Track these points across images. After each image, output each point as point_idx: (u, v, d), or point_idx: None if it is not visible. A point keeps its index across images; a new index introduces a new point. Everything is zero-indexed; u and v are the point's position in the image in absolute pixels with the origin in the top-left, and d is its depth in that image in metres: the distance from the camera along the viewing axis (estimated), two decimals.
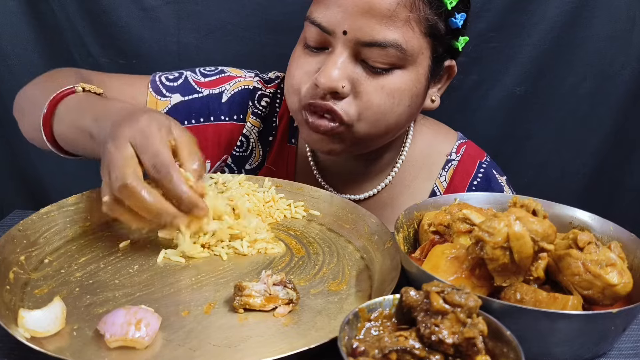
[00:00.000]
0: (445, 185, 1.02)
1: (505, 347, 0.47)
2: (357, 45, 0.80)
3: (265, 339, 0.56)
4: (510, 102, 1.52)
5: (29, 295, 0.61)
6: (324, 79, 0.79)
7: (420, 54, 0.83)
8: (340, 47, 0.80)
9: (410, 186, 1.02)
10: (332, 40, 0.81)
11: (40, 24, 1.40)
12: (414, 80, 0.84)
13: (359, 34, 0.79)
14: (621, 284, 0.57)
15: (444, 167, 1.03)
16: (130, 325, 0.53)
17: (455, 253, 0.62)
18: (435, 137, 1.06)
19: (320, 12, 0.81)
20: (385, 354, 0.47)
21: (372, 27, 0.78)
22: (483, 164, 1.05)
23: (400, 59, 0.81)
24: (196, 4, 1.39)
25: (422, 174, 1.03)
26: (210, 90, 1.00)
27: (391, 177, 1.00)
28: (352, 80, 0.81)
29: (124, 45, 1.42)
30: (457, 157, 1.04)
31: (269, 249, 0.73)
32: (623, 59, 1.46)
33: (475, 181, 1.03)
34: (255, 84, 1.03)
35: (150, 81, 0.98)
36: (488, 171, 1.04)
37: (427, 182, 1.03)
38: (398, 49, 0.79)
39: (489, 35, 1.44)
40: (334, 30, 0.80)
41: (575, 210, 0.74)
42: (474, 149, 1.07)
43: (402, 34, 0.79)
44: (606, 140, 1.56)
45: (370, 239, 0.75)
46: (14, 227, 0.68)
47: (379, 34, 0.78)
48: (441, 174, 1.02)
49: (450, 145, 1.05)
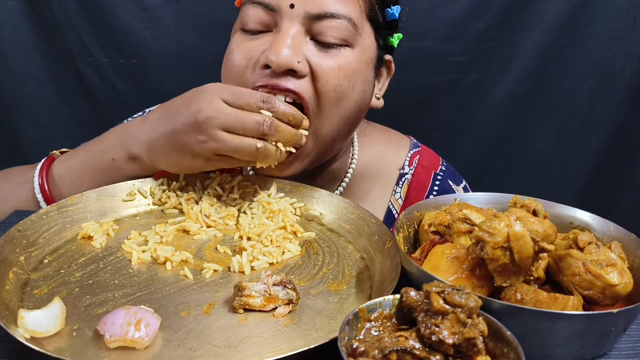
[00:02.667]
0: (401, 202, 0.99)
1: (506, 347, 0.47)
2: (306, 19, 0.76)
3: (265, 339, 0.56)
4: (510, 102, 1.52)
5: (28, 296, 0.61)
6: (275, 56, 0.75)
7: (367, 35, 0.81)
8: (287, 23, 0.77)
9: (364, 200, 0.97)
10: (277, 18, 0.78)
11: (40, 24, 1.40)
12: (365, 63, 0.82)
13: (308, 6, 0.76)
14: (621, 284, 0.57)
15: (398, 182, 0.99)
16: (130, 326, 0.53)
17: (456, 253, 0.62)
18: (386, 145, 1.02)
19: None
20: (386, 354, 0.47)
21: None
22: (438, 176, 1.01)
23: (352, 35, 0.78)
24: (196, 4, 1.39)
25: (375, 190, 0.99)
26: None
27: (342, 189, 0.96)
28: (306, 58, 0.77)
29: (124, 45, 1.42)
30: (410, 170, 1.00)
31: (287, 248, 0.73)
32: (623, 59, 1.47)
33: (431, 195, 0.99)
34: None
35: None
36: (443, 183, 1.01)
37: (382, 199, 0.99)
38: (350, 22, 0.77)
39: (489, 35, 1.44)
40: (279, 6, 0.76)
41: (576, 210, 0.74)
42: (428, 158, 1.03)
43: (352, 8, 0.78)
44: (606, 140, 1.56)
45: (370, 239, 0.75)
46: (13, 227, 0.67)
47: (331, 5, 0.76)
48: (395, 191, 0.99)
49: (402, 157, 1.01)
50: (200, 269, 0.68)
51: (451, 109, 1.55)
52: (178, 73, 1.47)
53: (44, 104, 1.50)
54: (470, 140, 1.60)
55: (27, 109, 1.51)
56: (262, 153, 0.73)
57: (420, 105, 1.53)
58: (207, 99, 0.72)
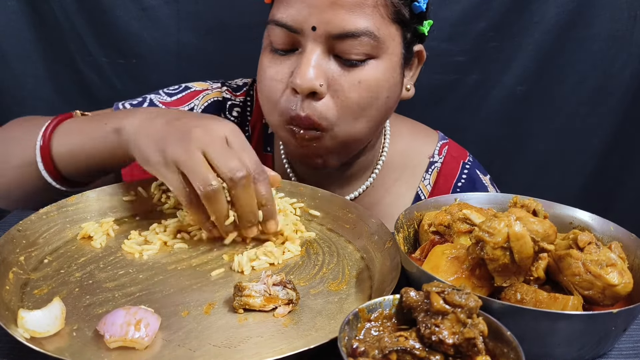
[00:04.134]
0: (430, 188, 1.01)
1: (506, 347, 0.47)
2: (328, 39, 0.77)
3: (265, 339, 0.56)
4: (510, 102, 1.52)
5: (28, 296, 0.61)
6: (300, 80, 0.77)
7: (392, 40, 0.81)
8: (310, 45, 0.78)
9: (391, 190, 1.00)
10: (300, 39, 0.78)
11: (40, 24, 1.40)
12: (390, 70, 0.82)
13: (329, 27, 0.76)
14: (621, 284, 0.57)
15: (427, 169, 1.01)
16: (130, 326, 0.53)
17: (456, 253, 0.62)
18: (415, 137, 1.04)
19: (284, 11, 0.78)
20: (385, 354, 0.47)
21: (342, 17, 0.76)
22: (466, 165, 1.03)
23: (374, 48, 0.78)
24: (196, 4, 1.39)
25: (404, 177, 1.01)
26: (178, 109, 0.97)
27: (372, 180, 0.98)
28: (327, 78, 0.79)
29: (124, 45, 1.42)
30: (439, 158, 1.02)
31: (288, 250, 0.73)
32: (623, 59, 1.47)
33: (459, 183, 1.01)
34: (224, 94, 1.01)
35: (113, 110, 0.97)
36: (472, 172, 1.03)
37: (410, 186, 1.01)
38: (371, 36, 0.77)
39: (489, 35, 1.44)
40: (302, 28, 0.77)
41: (576, 210, 0.74)
42: (456, 150, 1.05)
43: (372, 21, 0.77)
44: (606, 140, 1.56)
45: (370, 239, 0.75)
46: (13, 227, 0.67)
47: (350, 23, 0.76)
48: (425, 177, 1.01)
49: (431, 147, 1.03)
50: (200, 269, 0.68)
51: (451, 109, 1.55)
52: (178, 73, 1.46)
53: (44, 103, 1.49)
54: (470, 140, 1.59)
55: (27, 109, 1.50)
56: (210, 193, 0.66)
57: (420, 105, 1.53)
58: (216, 123, 0.71)
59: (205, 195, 0.66)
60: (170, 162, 0.68)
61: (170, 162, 0.68)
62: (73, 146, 0.80)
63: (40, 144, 0.80)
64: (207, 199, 0.66)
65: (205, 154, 0.67)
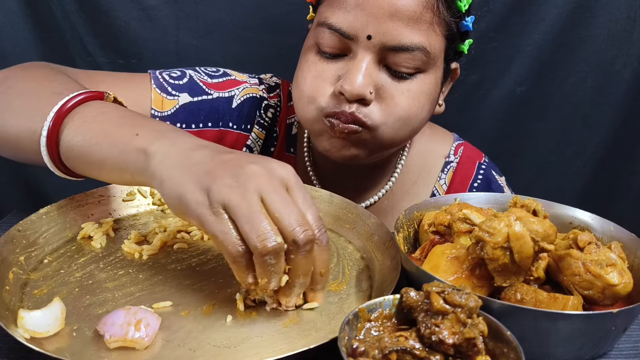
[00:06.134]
0: (446, 187, 1.02)
1: (506, 347, 0.47)
2: (382, 50, 0.77)
3: (265, 339, 0.56)
4: (510, 102, 1.52)
5: (28, 296, 0.61)
6: (349, 86, 0.76)
7: (439, 55, 0.82)
8: (362, 52, 0.78)
9: (410, 191, 1.01)
10: (352, 45, 0.78)
11: (40, 24, 1.40)
12: (434, 84, 0.83)
13: (385, 38, 0.76)
14: (621, 284, 0.57)
15: (443, 169, 1.02)
16: (130, 326, 0.53)
17: (456, 253, 0.62)
18: (432, 139, 1.05)
19: (339, 16, 0.78)
20: (386, 354, 0.47)
21: (399, 30, 0.76)
22: (482, 165, 1.04)
23: (425, 63, 0.79)
24: (196, 4, 1.39)
25: (421, 178, 1.02)
26: (220, 93, 0.95)
27: (391, 183, 0.99)
28: (377, 86, 0.79)
29: (123, 45, 1.42)
30: (455, 158, 1.03)
31: None
32: (623, 59, 1.46)
33: (475, 183, 1.02)
34: (261, 92, 0.99)
35: (152, 78, 0.92)
36: (487, 172, 1.04)
37: (427, 186, 1.02)
38: (424, 52, 0.77)
39: (489, 35, 1.44)
40: (357, 35, 0.77)
41: (576, 210, 0.74)
42: (472, 150, 1.07)
43: (427, 37, 0.77)
44: (606, 140, 1.56)
45: (370, 239, 0.75)
46: (13, 227, 0.67)
47: (406, 37, 0.76)
48: (440, 177, 1.02)
49: (447, 147, 1.05)
50: (200, 269, 0.68)
51: (451, 109, 1.54)
52: None
53: None
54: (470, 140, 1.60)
55: None
56: (271, 253, 0.53)
57: None
58: (276, 163, 0.58)
59: (263, 253, 0.53)
60: (216, 204, 0.54)
61: (216, 203, 0.54)
62: (87, 147, 0.64)
63: (50, 124, 0.65)
64: (263, 258, 0.53)
65: (264, 201, 0.54)
